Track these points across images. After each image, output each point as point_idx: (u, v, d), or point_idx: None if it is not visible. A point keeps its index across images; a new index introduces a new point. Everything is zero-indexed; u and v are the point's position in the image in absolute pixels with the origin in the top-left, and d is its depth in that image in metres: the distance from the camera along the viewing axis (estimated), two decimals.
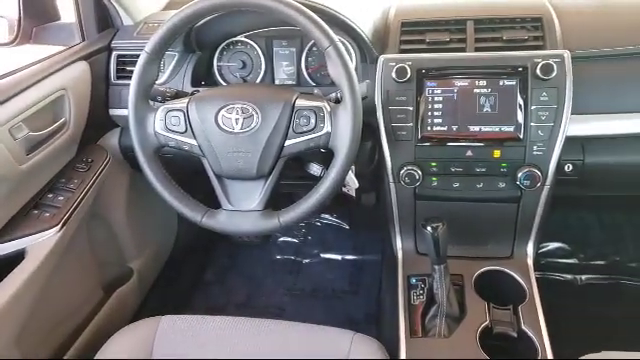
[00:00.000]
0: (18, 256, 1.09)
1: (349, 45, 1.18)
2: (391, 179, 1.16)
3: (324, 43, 0.90)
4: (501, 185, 1.11)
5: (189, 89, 1.21)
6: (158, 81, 1.24)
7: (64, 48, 1.27)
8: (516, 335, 1.02)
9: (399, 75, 1.07)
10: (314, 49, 1.25)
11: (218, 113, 0.93)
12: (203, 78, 1.29)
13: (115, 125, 1.38)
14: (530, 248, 1.21)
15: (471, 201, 1.15)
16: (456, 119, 1.07)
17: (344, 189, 1.16)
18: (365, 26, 1.17)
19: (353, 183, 1.10)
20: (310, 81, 1.27)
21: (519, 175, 1.07)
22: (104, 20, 1.36)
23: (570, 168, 1.13)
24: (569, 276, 1.75)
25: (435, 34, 1.14)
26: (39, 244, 1.10)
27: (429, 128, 1.09)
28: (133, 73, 0.96)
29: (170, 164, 1.02)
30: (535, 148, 1.06)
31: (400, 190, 1.18)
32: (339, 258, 1.97)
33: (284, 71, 1.28)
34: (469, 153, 1.09)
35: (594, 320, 1.53)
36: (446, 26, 1.16)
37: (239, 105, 0.93)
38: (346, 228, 2.07)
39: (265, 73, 1.28)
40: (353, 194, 1.17)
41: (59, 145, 1.18)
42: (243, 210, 0.97)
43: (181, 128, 0.95)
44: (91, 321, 1.29)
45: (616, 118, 1.09)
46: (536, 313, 1.05)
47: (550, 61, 1.02)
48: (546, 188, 1.11)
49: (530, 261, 1.19)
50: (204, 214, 0.97)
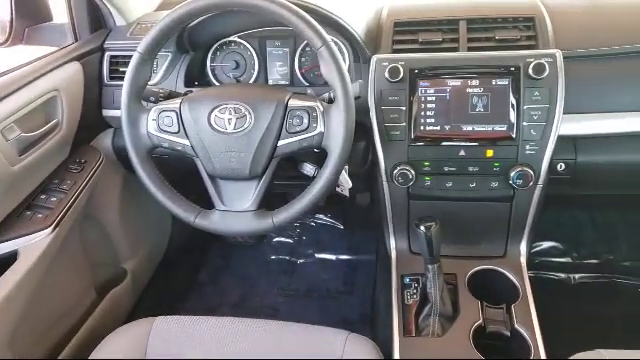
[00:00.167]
0: (10, 257, 1.08)
1: (342, 45, 1.18)
2: (384, 179, 1.16)
3: (317, 43, 0.90)
4: (494, 184, 1.11)
5: (182, 89, 1.21)
6: (151, 81, 1.24)
7: (56, 49, 1.26)
8: (509, 334, 1.03)
9: (392, 75, 1.07)
10: (307, 49, 1.25)
11: (211, 113, 0.93)
12: (196, 78, 1.28)
13: (108, 126, 1.38)
14: (523, 247, 1.21)
15: (464, 200, 1.16)
16: (449, 119, 1.08)
17: (338, 189, 1.17)
18: (358, 26, 1.17)
19: (347, 183, 1.10)
20: (303, 81, 1.27)
21: (512, 174, 1.07)
22: (97, 21, 1.36)
23: (562, 167, 1.13)
24: (563, 275, 1.75)
25: (428, 34, 1.15)
26: (32, 245, 1.10)
27: (422, 128, 1.09)
28: (125, 74, 0.96)
29: (163, 165, 1.02)
30: (527, 147, 1.07)
31: (393, 190, 1.18)
32: (333, 258, 1.96)
33: (277, 71, 1.28)
34: (462, 153, 1.09)
35: (587, 319, 1.54)
36: (439, 26, 1.16)
37: (232, 105, 0.93)
38: (340, 228, 2.07)
39: (258, 73, 1.28)
40: (347, 194, 1.17)
41: (52, 146, 1.17)
42: (236, 210, 0.96)
43: (174, 129, 0.95)
44: (85, 322, 1.29)
45: (608, 117, 1.09)
46: (529, 312, 1.06)
47: (542, 61, 1.03)
48: (539, 187, 1.12)
49: (523, 260, 1.20)
50: (197, 214, 0.97)
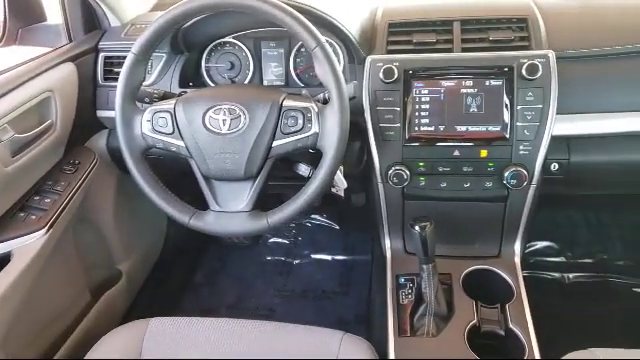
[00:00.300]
0: (4, 259, 1.07)
1: (337, 46, 1.18)
2: (379, 179, 1.17)
3: (311, 44, 0.90)
4: (488, 184, 1.12)
5: (177, 90, 1.20)
6: (146, 82, 1.23)
7: (50, 49, 1.26)
8: (504, 333, 1.03)
9: (386, 76, 1.08)
10: (302, 50, 1.25)
11: (205, 114, 0.93)
12: (191, 79, 1.28)
13: (103, 127, 1.37)
14: (517, 247, 1.22)
15: (459, 200, 1.16)
16: (443, 119, 1.08)
17: (333, 189, 1.16)
18: (352, 27, 1.17)
19: (342, 183, 1.10)
20: (299, 82, 1.27)
21: (506, 174, 1.08)
22: (91, 21, 1.35)
23: (556, 167, 1.13)
24: (557, 274, 1.76)
25: (422, 35, 1.15)
26: (25, 247, 1.10)
27: (416, 128, 1.09)
28: (120, 74, 0.96)
29: (158, 166, 1.02)
30: (521, 147, 1.07)
31: (388, 190, 1.18)
32: (329, 259, 1.96)
33: (272, 72, 1.28)
34: (456, 153, 1.10)
35: (581, 318, 1.55)
36: (433, 27, 1.16)
37: (226, 106, 0.93)
38: (336, 229, 2.07)
39: (253, 74, 1.28)
40: (342, 194, 1.17)
41: (45, 147, 1.17)
42: (231, 211, 0.96)
43: (168, 129, 0.95)
44: (79, 324, 1.28)
45: (601, 117, 1.10)
46: (523, 311, 1.06)
47: (535, 61, 1.03)
48: (532, 187, 1.12)
49: (517, 260, 1.20)
50: (192, 215, 0.97)
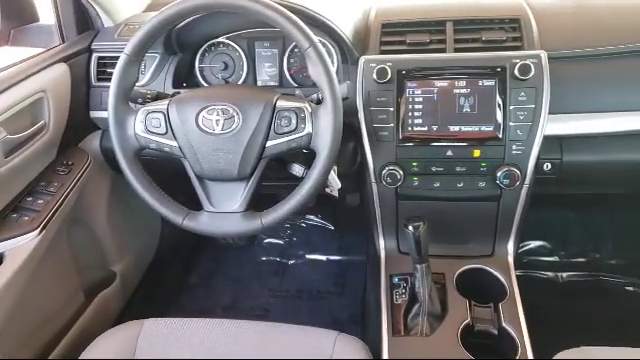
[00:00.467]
0: None
1: (330, 46, 1.19)
2: (373, 179, 1.17)
3: (304, 44, 0.90)
4: (481, 184, 1.12)
5: (170, 91, 1.21)
6: (140, 83, 1.23)
7: (43, 50, 1.25)
8: (497, 332, 1.04)
9: (380, 76, 1.08)
10: (296, 50, 1.25)
11: (199, 114, 0.93)
12: (185, 80, 1.28)
13: (96, 128, 1.37)
14: (510, 246, 1.22)
15: (452, 200, 1.16)
16: (436, 119, 1.09)
17: (327, 190, 1.16)
18: (346, 27, 1.18)
19: (335, 183, 1.10)
20: (292, 82, 1.27)
21: (498, 174, 1.08)
22: (84, 22, 1.35)
23: (549, 167, 1.14)
24: (550, 274, 1.77)
25: (415, 35, 1.15)
26: (18, 248, 1.09)
27: (410, 128, 1.10)
28: (113, 75, 0.96)
29: (152, 166, 1.02)
30: (514, 147, 1.08)
31: (382, 190, 1.18)
32: (324, 259, 1.97)
33: (266, 72, 1.28)
34: (449, 153, 1.10)
35: (574, 316, 1.56)
36: (426, 27, 1.17)
37: (220, 106, 0.93)
38: (331, 229, 2.07)
39: (247, 74, 1.28)
40: (336, 194, 1.17)
41: (38, 148, 1.16)
42: (225, 212, 0.96)
43: (162, 130, 0.95)
44: (73, 325, 1.28)
45: (593, 117, 1.11)
46: (516, 310, 1.07)
47: (528, 61, 1.04)
48: (525, 187, 1.13)
49: (511, 259, 1.21)
50: (185, 216, 0.97)
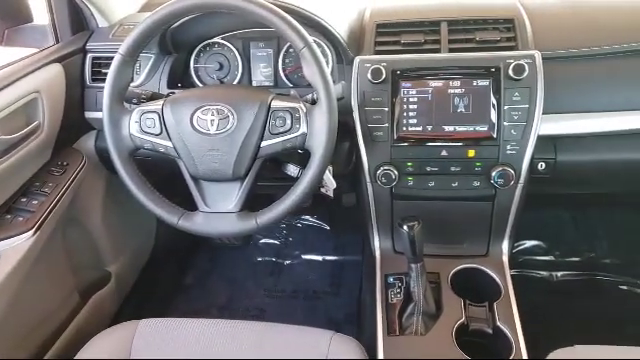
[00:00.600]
0: None
1: (325, 46, 1.19)
2: (368, 179, 1.17)
3: (299, 44, 0.90)
4: (475, 184, 1.13)
5: (165, 91, 1.21)
6: (135, 83, 1.23)
7: (37, 50, 1.25)
8: (491, 331, 1.04)
9: (374, 76, 1.08)
10: (291, 51, 1.25)
11: (193, 115, 0.93)
12: (180, 80, 1.28)
13: (91, 128, 1.37)
14: (505, 246, 1.23)
15: (447, 200, 1.17)
16: (431, 119, 1.09)
17: (322, 190, 1.17)
18: (340, 27, 1.18)
19: (331, 184, 1.10)
20: (287, 82, 1.27)
21: (493, 174, 1.08)
22: (79, 22, 1.34)
23: (543, 166, 1.14)
24: (545, 273, 1.78)
25: (410, 35, 1.15)
26: (12, 249, 1.09)
27: (404, 128, 1.10)
28: (107, 75, 0.96)
29: (148, 167, 1.02)
30: (508, 147, 1.08)
31: (377, 190, 1.19)
32: (320, 259, 1.97)
33: (261, 72, 1.28)
34: (444, 153, 1.11)
35: (569, 316, 1.57)
36: (421, 27, 1.17)
37: (214, 106, 0.93)
38: (327, 229, 2.07)
39: (242, 75, 1.28)
40: (331, 194, 1.17)
41: (32, 148, 1.16)
42: (220, 212, 0.96)
43: (156, 130, 0.95)
44: (68, 326, 1.27)
45: (587, 117, 1.11)
46: (511, 309, 1.07)
47: (522, 61, 1.04)
48: (519, 186, 1.13)
49: (505, 258, 1.21)
50: (180, 216, 0.97)
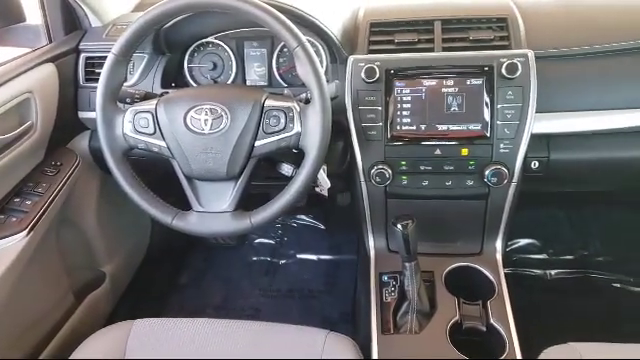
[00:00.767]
0: None
1: (319, 46, 1.19)
2: (362, 178, 1.17)
3: (292, 43, 0.90)
4: (469, 182, 1.13)
5: (159, 91, 1.20)
6: (128, 83, 1.23)
7: (30, 50, 1.24)
8: (485, 329, 1.05)
9: (368, 75, 1.08)
10: (285, 50, 1.25)
11: (187, 114, 0.93)
12: (174, 80, 1.28)
13: (85, 128, 1.36)
14: (499, 244, 1.23)
15: (440, 199, 1.17)
16: (425, 118, 1.09)
17: (317, 189, 1.17)
18: (334, 27, 1.18)
19: (325, 183, 1.10)
20: (282, 82, 1.27)
21: (486, 172, 1.09)
22: (72, 22, 1.34)
23: (536, 165, 1.15)
24: (539, 271, 1.79)
25: (403, 34, 1.15)
26: (6, 249, 1.08)
27: (398, 128, 1.10)
28: (100, 75, 0.95)
29: (141, 166, 1.01)
30: (502, 146, 1.08)
31: (371, 189, 1.19)
32: (315, 258, 1.97)
33: (255, 72, 1.28)
34: (438, 152, 1.11)
35: (562, 313, 1.58)
36: (414, 27, 1.17)
37: (208, 106, 0.93)
38: (322, 228, 2.07)
39: (236, 74, 1.28)
40: (326, 194, 1.17)
41: (25, 148, 1.16)
42: (214, 211, 0.96)
43: (150, 130, 0.95)
44: (62, 327, 1.27)
45: (579, 116, 1.12)
46: (504, 307, 1.08)
47: (515, 60, 1.04)
48: (513, 185, 1.14)
49: (499, 257, 1.22)
50: (174, 216, 0.96)
